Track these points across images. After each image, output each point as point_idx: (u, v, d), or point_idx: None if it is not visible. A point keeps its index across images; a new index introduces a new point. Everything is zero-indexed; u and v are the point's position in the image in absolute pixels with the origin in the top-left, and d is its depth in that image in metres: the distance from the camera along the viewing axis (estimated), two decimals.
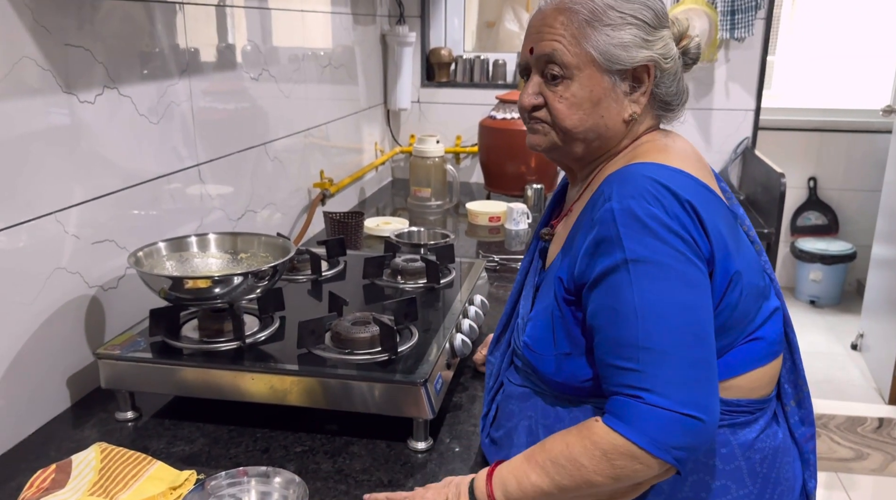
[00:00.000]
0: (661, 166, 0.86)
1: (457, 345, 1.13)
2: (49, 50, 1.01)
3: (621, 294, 0.81)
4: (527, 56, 0.92)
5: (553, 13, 0.90)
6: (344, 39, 2.19)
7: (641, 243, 0.80)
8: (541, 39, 0.89)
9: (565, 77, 0.89)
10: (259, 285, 1.07)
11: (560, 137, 0.92)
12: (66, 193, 1.07)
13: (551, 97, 0.90)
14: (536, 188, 2.24)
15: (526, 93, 0.92)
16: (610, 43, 0.88)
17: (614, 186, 0.84)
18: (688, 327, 0.80)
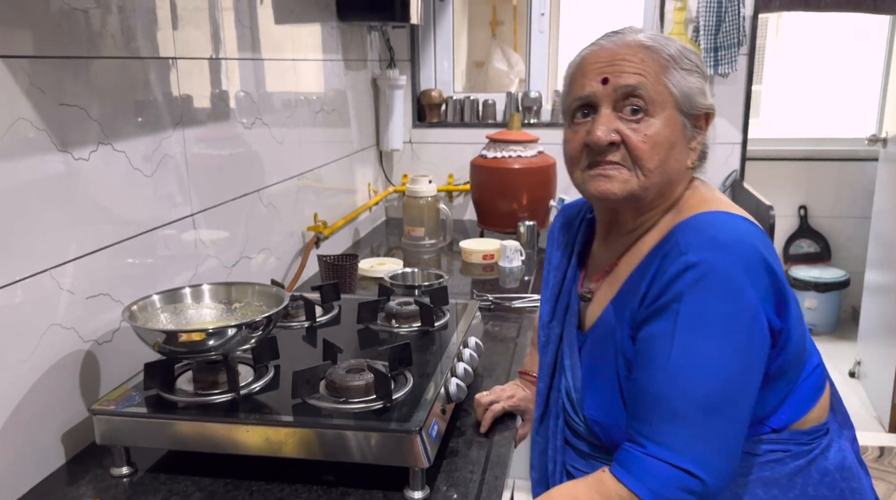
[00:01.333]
0: (734, 217, 0.84)
1: (452, 390, 1.13)
2: (44, 110, 1.03)
3: (662, 344, 0.79)
4: (595, 87, 0.86)
5: (632, 48, 0.87)
6: (336, 84, 2.22)
7: (704, 300, 0.78)
8: (620, 71, 0.85)
9: (647, 114, 0.85)
10: (253, 336, 1.08)
11: (640, 182, 0.86)
12: (61, 250, 1.08)
13: (631, 135, 0.85)
14: (529, 225, 2.26)
15: (599, 127, 0.85)
16: (687, 85, 0.87)
17: (689, 237, 0.81)
18: (717, 391, 0.78)
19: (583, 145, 0.89)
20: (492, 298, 1.79)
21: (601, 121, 0.86)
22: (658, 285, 0.81)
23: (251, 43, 1.68)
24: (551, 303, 1.04)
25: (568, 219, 1.13)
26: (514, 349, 1.50)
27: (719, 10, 2.37)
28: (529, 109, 2.66)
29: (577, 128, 0.89)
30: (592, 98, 0.87)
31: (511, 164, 2.31)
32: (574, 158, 0.90)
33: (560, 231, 1.13)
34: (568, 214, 1.14)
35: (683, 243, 0.80)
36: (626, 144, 0.85)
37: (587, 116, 0.88)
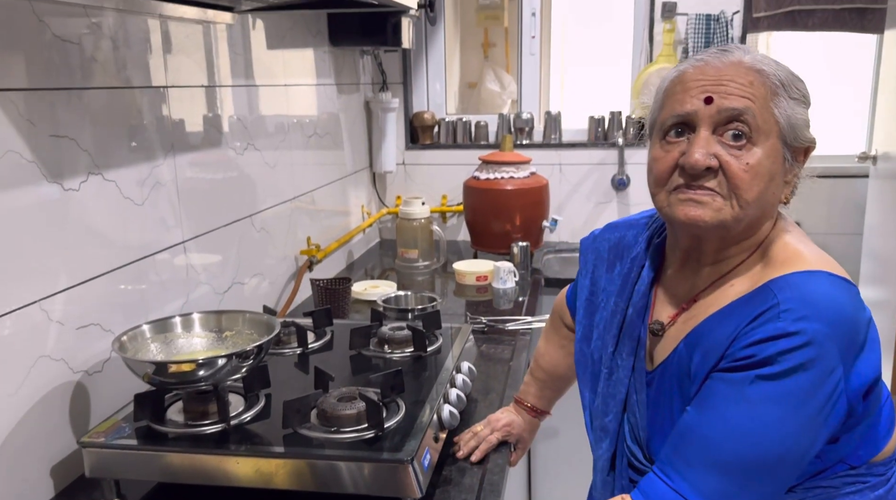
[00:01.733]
0: (837, 284, 0.79)
1: (445, 417, 1.12)
2: (34, 142, 1.03)
3: (732, 394, 0.76)
4: (698, 106, 0.80)
5: (741, 69, 0.80)
6: (329, 108, 2.24)
7: (791, 372, 0.74)
8: (727, 92, 0.79)
9: (750, 141, 0.79)
10: (244, 365, 1.07)
11: (734, 213, 0.80)
12: (51, 281, 1.07)
13: (732, 161, 0.79)
14: (522, 246, 2.27)
15: (698, 149, 0.78)
16: (794, 115, 0.81)
17: (790, 301, 0.76)
18: (769, 459, 0.76)
19: (674, 166, 0.82)
20: (485, 320, 1.78)
21: (700, 143, 0.79)
22: (745, 342, 0.77)
23: (244, 69, 1.69)
24: (614, 332, 0.95)
25: (621, 240, 1.04)
26: (507, 372, 1.50)
27: (708, 32, 2.40)
28: (521, 130, 2.68)
29: (669, 147, 0.83)
30: (692, 117, 0.81)
31: (504, 185, 2.32)
32: (661, 179, 0.83)
33: (611, 251, 1.03)
34: (620, 234, 1.05)
35: (785, 308, 0.75)
36: (725, 172, 0.79)
37: (681, 135, 0.82)
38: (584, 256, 1.10)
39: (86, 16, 1.14)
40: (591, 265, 1.06)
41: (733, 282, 0.86)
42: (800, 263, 0.82)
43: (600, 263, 1.05)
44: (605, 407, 0.96)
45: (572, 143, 2.64)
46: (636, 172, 2.59)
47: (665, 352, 0.91)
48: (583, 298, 1.07)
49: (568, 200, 2.67)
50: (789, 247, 0.85)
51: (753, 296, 0.81)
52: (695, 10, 2.40)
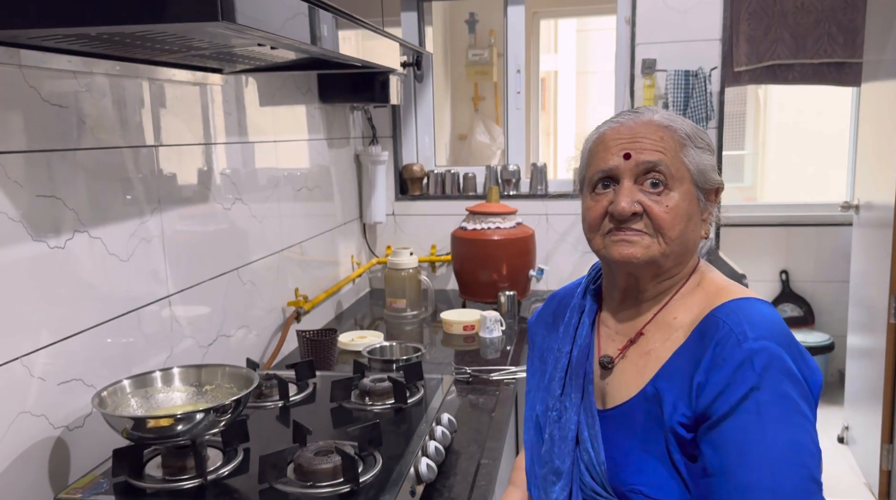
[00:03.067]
0: (765, 304, 0.90)
1: (422, 470, 1.13)
2: (20, 202, 1.07)
3: (754, 437, 0.81)
4: (618, 162, 0.92)
5: (651, 127, 0.93)
6: (319, 161, 2.29)
7: (778, 385, 0.81)
8: (642, 148, 0.92)
9: (666, 187, 0.91)
10: (222, 420, 1.09)
11: (661, 249, 0.92)
12: (33, 337, 1.09)
13: (653, 205, 0.91)
14: (509, 295, 2.29)
15: (623, 198, 0.91)
16: (701, 162, 0.94)
17: (744, 325, 0.85)
18: (814, 468, 0.81)
19: (604, 214, 0.94)
20: (470, 371, 1.79)
21: (624, 192, 0.91)
22: (722, 374, 0.83)
23: (236, 127, 1.74)
24: (559, 376, 1.02)
25: (561, 301, 1.13)
26: (490, 423, 1.50)
27: (687, 87, 2.47)
28: (508, 182, 2.73)
29: (598, 197, 0.94)
30: (615, 171, 0.93)
31: (490, 235, 2.36)
32: (594, 225, 0.95)
33: (555, 315, 1.11)
34: (559, 298, 1.14)
35: (738, 332, 0.84)
36: (649, 214, 0.91)
37: (607, 187, 0.94)
38: (531, 337, 1.16)
39: (75, 79, 1.19)
40: (539, 338, 1.13)
41: (675, 314, 0.95)
42: (731, 291, 0.93)
43: (546, 330, 1.12)
44: (555, 450, 0.98)
45: (558, 193, 2.69)
46: None
47: (621, 387, 0.96)
48: (533, 368, 1.11)
49: (555, 250, 2.70)
50: (716, 280, 0.97)
51: (705, 328, 0.89)
52: (674, 66, 2.48)
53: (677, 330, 0.94)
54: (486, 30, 3.81)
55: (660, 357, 0.93)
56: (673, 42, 2.50)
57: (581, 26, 5.29)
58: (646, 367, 0.94)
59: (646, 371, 0.94)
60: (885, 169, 2.59)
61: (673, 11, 2.48)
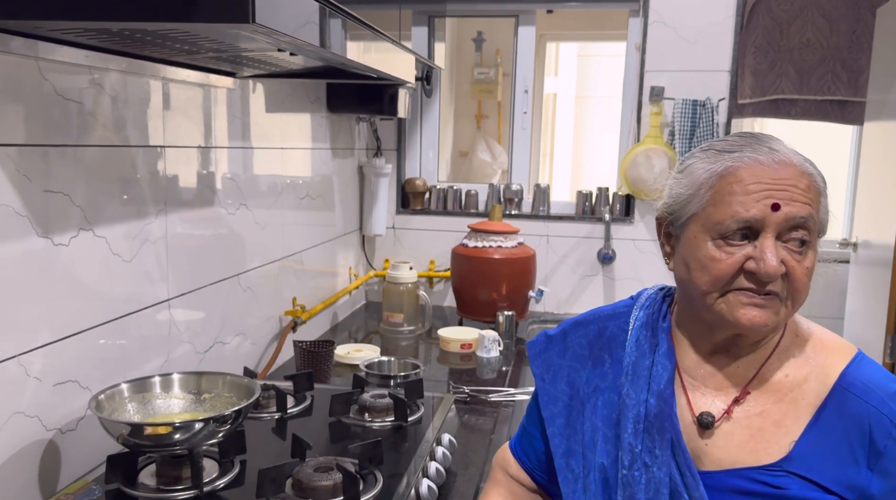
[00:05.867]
0: (872, 361, 0.86)
1: (422, 491, 1.11)
2: (28, 197, 1.04)
3: None
4: (764, 212, 0.79)
5: (794, 171, 0.81)
6: (323, 170, 2.27)
7: None
8: (791, 198, 0.80)
9: (808, 245, 0.81)
10: (221, 430, 1.06)
11: (787, 313, 0.83)
12: (32, 335, 1.07)
13: (796, 267, 0.80)
14: (508, 315, 2.27)
15: (773, 258, 0.79)
16: (826, 213, 0.84)
17: (890, 404, 0.81)
18: None
19: (738, 270, 0.81)
20: (468, 390, 1.77)
21: (772, 250, 0.80)
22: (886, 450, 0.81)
23: (241, 132, 1.72)
24: (633, 424, 0.88)
25: (602, 332, 0.98)
26: (488, 445, 1.48)
27: (694, 117, 2.48)
28: (511, 201, 2.72)
29: (730, 249, 0.82)
30: (759, 224, 0.80)
31: (491, 254, 2.34)
32: (721, 280, 0.82)
33: (592, 346, 0.98)
34: (598, 326, 1.00)
35: (888, 412, 0.81)
36: (790, 277, 0.81)
37: (744, 239, 0.82)
38: (545, 361, 1.02)
39: (89, 74, 1.17)
40: (566, 368, 0.99)
41: (783, 371, 0.88)
42: (834, 349, 0.88)
43: (578, 362, 0.99)
44: None
45: (560, 215, 2.68)
46: (621, 248, 2.63)
47: (734, 452, 0.86)
48: (559, 405, 0.98)
49: (554, 272, 2.69)
50: (810, 328, 0.91)
51: (840, 407, 0.83)
52: (682, 95, 2.49)
53: (792, 391, 0.86)
54: (492, 49, 3.83)
55: (781, 424, 0.85)
56: (682, 71, 2.51)
57: (583, 51, 5.32)
58: (762, 432, 0.85)
59: (763, 438, 0.85)
60: (886, 208, 2.60)
61: (683, 41, 2.50)
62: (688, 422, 0.88)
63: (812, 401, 0.85)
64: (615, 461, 0.89)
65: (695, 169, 0.87)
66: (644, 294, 1.00)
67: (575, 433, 0.95)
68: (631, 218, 2.62)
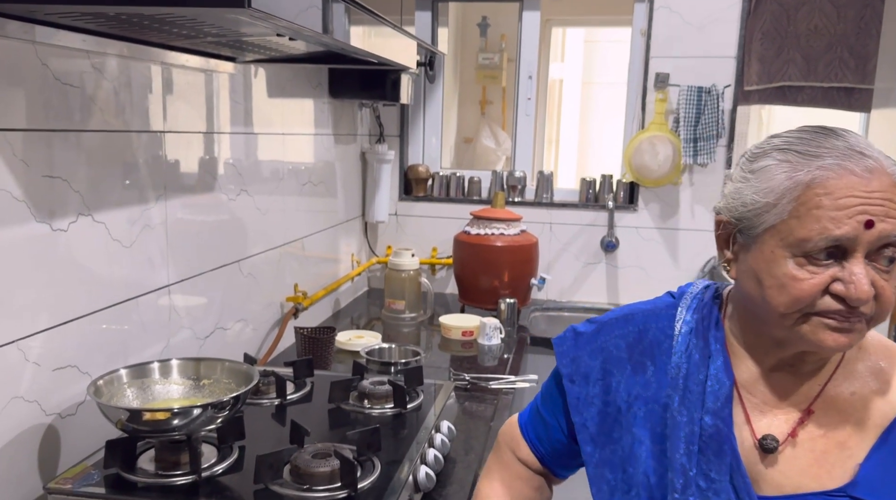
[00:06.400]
0: None
1: (420, 479, 1.11)
2: (26, 182, 1.04)
3: None
4: (857, 230, 0.72)
5: (886, 181, 0.74)
6: (325, 157, 2.26)
7: None
8: (885, 215, 0.72)
9: (893, 262, 0.75)
10: (219, 416, 1.06)
11: (867, 331, 0.77)
12: (31, 321, 1.07)
13: (885, 287, 0.74)
14: (510, 302, 2.27)
15: (865, 281, 0.72)
16: None
17: None
18: None
19: (823, 291, 0.74)
20: (468, 378, 1.77)
21: (863, 272, 0.73)
22: None
23: (243, 117, 1.71)
24: (685, 444, 0.80)
25: (643, 334, 0.90)
26: (488, 432, 1.48)
27: (699, 104, 2.46)
28: (514, 188, 2.71)
29: (815, 269, 0.74)
30: (849, 243, 0.73)
31: (494, 241, 2.34)
32: (801, 302, 0.75)
33: (632, 349, 0.89)
34: (637, 327, 0.91)
35: None
36: (879, 298, 0.75)
37: (830, 257, 0.74)
38: (575, 361, 0.93)
39: (88, 59, 1.16)
40: (599, 371, 0.91)
41: (849, 388, 0.83)
42: None
43: (615, 365, 0.90)
44: None
45: (563, 203, 2.67)
46: (625, 235, 2.61)
47: (797, 477, 0.80)
48: (592, 410, 0.90)
49: (557, 259, 2.68)
50: (872, 336, 0.85)
51: None
52: (687, 81, 2.47)
53: (857, 410, 0.81)
54: (497, 34, 3.80)
55: (845, 446, 0.80)
56: (687, 57, 2.49)
57: (589, 37, 5.28)
58: (826, 454, 0.80)
59: (827, 461, 0.80)
60: None
61: (689, 27, 2.47)
62: (747, 444, 0.82)
63: (879, 421, 0.80)
64: (662, 480, 0.83)
65: (773, 173, 0.77)
66: (688, 293, 0.92)
67: (611, 443, 0.88)
68: (635, 206, 2.61)
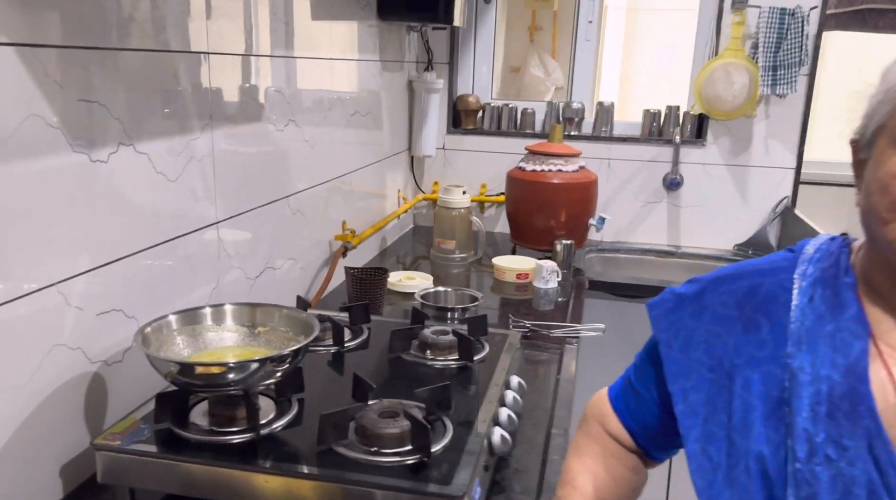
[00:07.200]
0: None
1: (495, 441, 1.01)
2: (60, 107, 0.92)
3: None
4: None
5: None
6: (370, 85, 2.11)
7: None
8: None
9: None
10: (279, 370, 0.96)
11: None
12: (72, 261, 0.97)
13: None
14: (566, 244, 2.14)
15: None
16: None
17: None
18: None
19: None
20: (529, 325, 1.66)
21: None
22: None
23: (286, 39, 1.56)
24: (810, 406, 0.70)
25: (755, 290, 0.79)
26: (556, 387, 1.38)
27: (781, 27, 2.23)
28: (570, 121, 2.54)
29: None
30: None
31: (550, 178, 2.19)
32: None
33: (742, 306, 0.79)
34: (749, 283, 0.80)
35: None
36: None
37: None
38: (674, 323, 0.83)
39: None
40: (703, 333, 0.80)
41: None
42: None
43: (721, 324, 0.79)
44: None
45: (624, 137, 2.49)
46: (690, 173, 2.44)
47: None
48: (694, 378, 0.79)
49: (614, 198, 2.53)
50: None
51: None
52: (768, 2, 2.23)
53: None
54: None
55: None
56: None
57: None
58: None
59: None
60: None
61: None
62: (891, 404, 0.69)
63: None
64: (778, 450, 0.71)
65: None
66: (809, 246, 0.81)
67: (716, 413, 0.76)
68: (703, 140, 2.42)
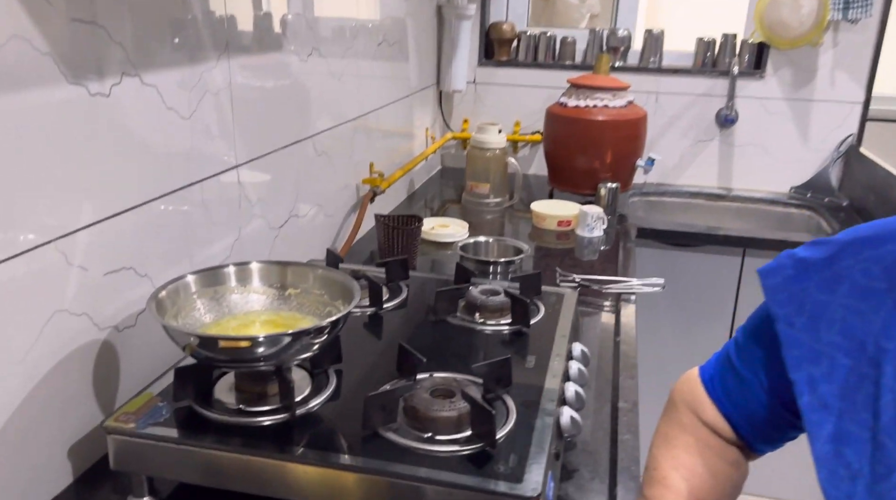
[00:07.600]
0: None
1: (565, 424, 0.88)
2: (50, 28, 0.76)
3: None
4: None
5: None
6: (395, 11, 1.91)
7: None
8: None
9: None
10: (315, 342, 0.83)
11: None
12: (72, 214, 0.83)
13: None
14: (611, 187, 1.97)
15: None
16: None
17: None
18: None
19: None
20: (579, 279, 1.52)
21: None
22: None
23: None
24: None
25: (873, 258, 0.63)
26: (617, 352, 1.24)
27: None
28: (615, 50, 2.32)
29: None
30: None
31: (595, 115, 2.00)
32: None
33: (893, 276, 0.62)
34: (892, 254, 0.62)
35: None
36: None
37: None
38: (796, 296, 0.68)
39: None
40: (839, 309, 0.65)
41: None
42: None
43: (864, 299, 0.64)
44: None
45: (674, 68, 2.28)
46: (747, 107, 2.24)
47: None
48: (826, 365, 0.65)
49: (661, 136, 2.34)
50: None
51: None
52: None
53: None
54: None
55: None
56: None
57: None
58: None
59: None
60: None
61: None
62: None
63: None
64: None
65: None
66: None
67: (856, 409, 0.63)
68: (762, 72, 2.20)
